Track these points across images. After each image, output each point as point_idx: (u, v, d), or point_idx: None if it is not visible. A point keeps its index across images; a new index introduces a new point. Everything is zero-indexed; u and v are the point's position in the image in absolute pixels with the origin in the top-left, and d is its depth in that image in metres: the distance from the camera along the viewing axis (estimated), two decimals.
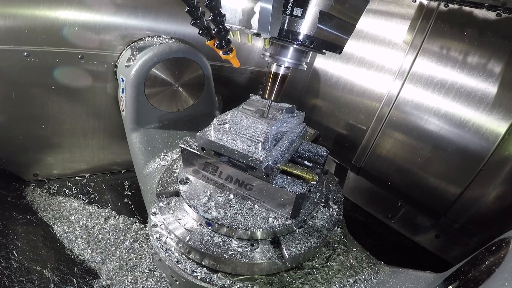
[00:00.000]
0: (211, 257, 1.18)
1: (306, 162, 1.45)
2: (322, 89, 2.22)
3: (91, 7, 1.90)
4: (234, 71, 2.53)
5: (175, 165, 1.56)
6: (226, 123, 1.27)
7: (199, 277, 1.19)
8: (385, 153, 1.94)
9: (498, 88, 1.49)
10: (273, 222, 1.23)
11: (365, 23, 1.98)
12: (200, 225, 1.26)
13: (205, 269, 1.22)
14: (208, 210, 1.24)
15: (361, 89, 2.02)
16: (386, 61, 1.90)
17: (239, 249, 1.19)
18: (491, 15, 1.47)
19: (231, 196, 1.33)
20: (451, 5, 1.61)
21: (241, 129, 1.25)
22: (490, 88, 1.51)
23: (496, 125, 1.50)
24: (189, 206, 1.26)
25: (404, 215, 1.94)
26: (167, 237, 1.32)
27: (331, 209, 1.45)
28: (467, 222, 1.66)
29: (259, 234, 1.23)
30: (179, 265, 1.23)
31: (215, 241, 1.20)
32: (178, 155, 1.87)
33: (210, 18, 1.06)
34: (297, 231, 1.29)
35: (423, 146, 1.76)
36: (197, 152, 1.32)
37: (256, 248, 1.21)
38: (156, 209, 1.38)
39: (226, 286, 1.17)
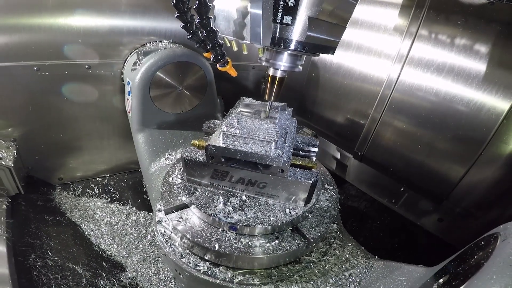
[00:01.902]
0: (243, 258, 1.19)
1: (300, 153, 1.49)
2: (322, 80, 2.18)
3: (93, 19, 1.91)
4: (237, 68, 2.49)
5: (171, 178, 1.52)
6: (236, 128, 1.28)
7: (201, 271, 1.23)
8: (386, 140, 1.91)
9: (495, 73, 1.43)
10: (290, 213, 1.29)
11: (361, 11, 1.91)
12: (223, 230, 1.27)
13: (207, 263, 1.25)
14: (229, 215, 1.26)
15: (361, 76, 1.98)
16: (384, 47, 1.84)
17: (268, 244, 1.23)
18: (484, 2, 1.39)
19: (243, 197, 1.35)
20: None
21: (252, 132, 1.27)
22: (488, 74, 1.45)
23: (494, 110, 1.45)
24: (208, 215, 1.26)
25: (408, 200, 1.93)
26: (171, 232, 1.35)
27: (328, 191, 1.55)
28: (469, 206, 1.65)
29: (282, 226, 1.28)
30: (183, 260, 1.27)
31: (243, 243, 1.23)
32: (180, 155, 1.90)
33: (203, 35, 1.08)
34: (310, 216, 1.37)
35: (423, 131, 1.72)
36: (204, 162, 1.30)
37: (282, 240, 1.26)
38: (160, 206, 1.42)
39: (227, 279, 1.20)
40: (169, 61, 1.93)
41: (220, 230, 1.27)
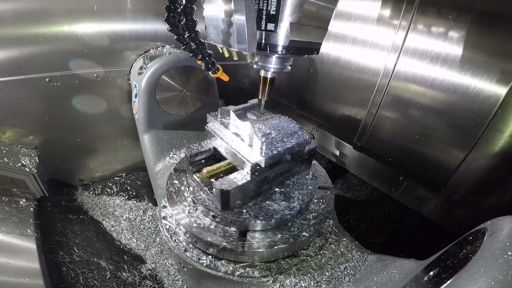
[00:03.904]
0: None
1: None
2: (320, 75, 2.14)
3: (98, 28, 1.93)
4: (238, 66, 2.53)
5: (192, 226, 1.29)
6: (270, 133, 1.26)
7: (204, 264, 1.25)
8: (384, 131, 1.88)
9: (489, 63, 1.38)
10: (314, 177, 1.47)
11: (354, 5, 1.85)
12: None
13: (210, 257, 1.27)
14: (290, 208, 1.28)
15: (358, 68, 1.93)
16: (379, 39, 1.79)
17: (323, 206, 1.39)
18: None
19: (277, 189, 1.39)
20: None
21: (281, 130, 1.30)
22: (482, 64, 1.40)
23: (489, 100, 1.41)
24: (281, 219, 1.24)
25: (407, 188, 1.91)
26: (175, 227, 1.37)
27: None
28: (466, 193, 1.62)
29: (318, 190, 1.45)
30: (187, 253, 1.29)
31: (308, 220, 1.33)
32: (184, 154, 1.90)
33: (193, 47, 1.12)
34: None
35: (420, 122, 1.69)
36: (250, 180, 1.24)
37: (323, 198, 1.44)
38: (166, 202, 1.45)
39: (229, 272, 1.22)
40: (173, 65, 1.95)
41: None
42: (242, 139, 1.28)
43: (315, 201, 1.44)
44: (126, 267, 1.76)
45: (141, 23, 2.05)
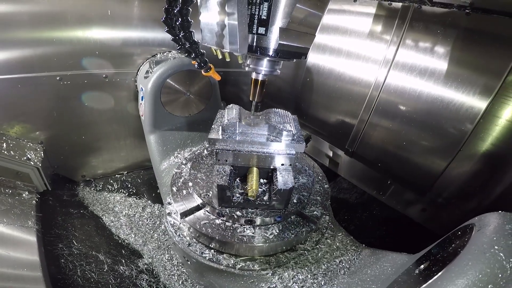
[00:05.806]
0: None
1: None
2: (316, 84, 2.17)
3: (109, 32, 1.93)
4: (239, 74, 2.54)
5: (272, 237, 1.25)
6: (286, 125, 1.31)
7: (207, 258, 1.24)
8: (374, 138, 1.90)
9: (472, 77, 1.42)
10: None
11: (349, 21, 1.89)
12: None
13: (212, 251, 1.26)
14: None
15: (351, 79, 1.96)
16: (372, 53, 1.83)
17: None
18: (461, 14, 1.38)
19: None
20: (423, 7, 1.52)
21: (289, 120, 1.38)
22: (465, 77, 1.44)
23: (472, 110, 1.44)
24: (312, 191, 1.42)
25: (394, 192, 1.92)
26: (180, 223, 1.36)
27: None
28: (450, 197, 1.64)
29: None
30: (190, 248, 1.27)
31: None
32: (189, 153, 1.91)
33: (187, 47, 1.15)
34: None
35: (407, 130, 1.72)
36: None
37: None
38: (170, 199, 1.43)
39: (230, 265, 1.21)
40: (178, 69, 1.94)
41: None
42: (270, 140, 1.27)
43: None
44: (123, 261, 1.71)
45: (151, 30, 2.06)
